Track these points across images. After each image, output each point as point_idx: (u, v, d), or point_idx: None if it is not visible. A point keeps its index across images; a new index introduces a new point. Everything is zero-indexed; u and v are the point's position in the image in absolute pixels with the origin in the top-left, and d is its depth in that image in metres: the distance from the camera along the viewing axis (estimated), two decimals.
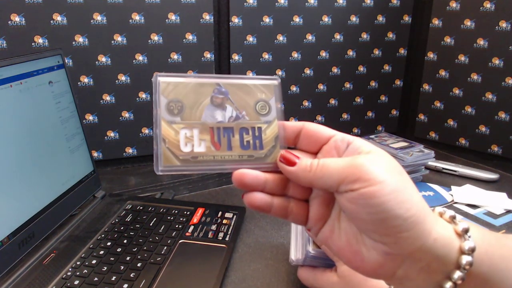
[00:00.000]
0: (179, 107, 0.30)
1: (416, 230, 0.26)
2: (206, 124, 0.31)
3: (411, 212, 0.26)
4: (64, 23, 0.85)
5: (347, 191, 0.27)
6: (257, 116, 0.32)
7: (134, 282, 0.54)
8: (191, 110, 0.31)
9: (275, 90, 0.33)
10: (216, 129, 0.31)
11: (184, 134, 0.30)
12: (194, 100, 0.31)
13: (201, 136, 0.30)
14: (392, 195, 0.26)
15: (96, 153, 0.95)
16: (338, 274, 0.48)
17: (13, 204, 0.57)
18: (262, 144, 0.32)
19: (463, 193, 0.83)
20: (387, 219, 0.26)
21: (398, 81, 1.18)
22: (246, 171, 0.30)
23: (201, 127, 0.31)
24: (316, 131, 0.31)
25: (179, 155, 0.30)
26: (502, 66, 0.98)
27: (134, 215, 0.70)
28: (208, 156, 0.30)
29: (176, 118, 0.30)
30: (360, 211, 0.27)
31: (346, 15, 1.06)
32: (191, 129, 0.30)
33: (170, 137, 0.30)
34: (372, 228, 0.27)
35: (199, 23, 0.95)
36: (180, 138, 0.30)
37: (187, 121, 0.30)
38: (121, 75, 0.92)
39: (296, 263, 0.54)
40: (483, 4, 0.97)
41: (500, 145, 1.02)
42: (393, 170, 0.28)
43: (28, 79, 0.62)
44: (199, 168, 0.30)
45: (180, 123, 0.30)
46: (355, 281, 0.46)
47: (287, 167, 0.30)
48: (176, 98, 0.30)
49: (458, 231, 0.28)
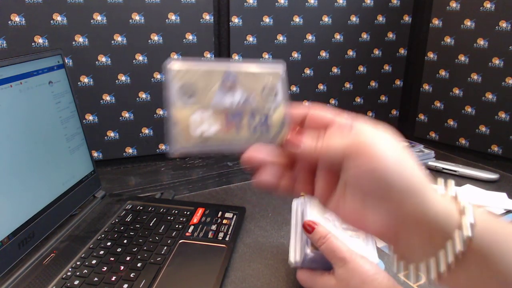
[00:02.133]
0: (191, 91, 0.32)
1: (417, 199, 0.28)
2: (216, 107, 0.32)
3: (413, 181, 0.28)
4: (64, 23, 0.85)
5: (350, 166, 0.29)
6: (264, 101, 0.33)
7: (134, 282, 0.54)
8: (202, 94, 0.32)
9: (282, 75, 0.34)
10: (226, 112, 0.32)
11: (195, 117, 0.32)
12: (205, 84, 0.32)
13: (212, 119, 0.32)
14: (394, 166, 0.28)
15: (96, 153, 0.95)
16: (335, 277, 0.48)
17: (13, 204, 0.57)
18: (269, 128, 0.33)
19: (463, 193, 0.83)
20: (389, 190, 0.28)
21: (398, 81, 1.18)
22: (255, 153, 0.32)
23: (211, 111, 0.32)
24: (320, 116, 0.33)
25: (190, 137, 0.31)
26: (502, 66, 0.98)
27: (134, 215, 0.70)
28: (218, 138, 0.32)
29: (188, 102, 0.32)
30: (364, 183, 0.29)
31: (346, 15, 1.06)
32: (202, 113, 0.32)
33: (182, 120, 0.31)
34: (376, 199, 0.29)
35: (199, 23, 0.95)
36: (191, 121, 0.31)
37: (199, 105, 0.32)
38: (121, 75, 0.92)
39: (295, 265, 0.54)
40: (483, 4, 0.97)
41: (500, 145, 1.02)
42: (394, 146, 0.29)
43: (28, 79, 0.62)
44: (209, 149, 0.32)
45: (192, 106, 0.32)
46: (353, 284, 0.46)
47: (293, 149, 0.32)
48: (188, 82, 0.32)
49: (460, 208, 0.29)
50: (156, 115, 0.98)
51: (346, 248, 0.48)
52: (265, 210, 0.76)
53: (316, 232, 0.50)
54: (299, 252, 0.54)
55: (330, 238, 0.49)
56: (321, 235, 0.50)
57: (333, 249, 0.48)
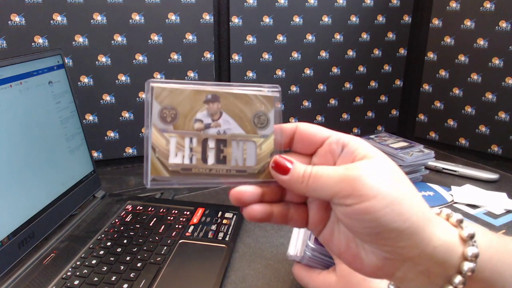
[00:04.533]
0: (173, 115, 0.29)
1: (413, 240, 0.26)
2: (199, 134, 0.29)
3: (408, 224, 0.26)
4: (64, 23, 0.85)
5: (341, 205, 0.27)
6: (254, 129, 0.30)
7: (134, 282, 0.54)
8: (185, 119, 0.29)
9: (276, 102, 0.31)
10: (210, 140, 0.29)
11: (175, 144, 0.29)
12: (189, 108, 0.29)
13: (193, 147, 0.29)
14: (387, 209, 0.25)
15: (96, 153, 0.95)
16: (337, 273, 0.48)
17: (13, 204, 0.57)
18: (256, 160, 0.30)
19: (463, 193, 0.83)
20: (383, 232, 0.26)
21: (398, 81, 1.18)
22: (243, 189, 0.29)
23: (193, 138, 0.29)
24: (309, 133, 0.30)
25: (168, 166, 0.28)
26: (502, 66, 0.98)
27: (134, 215, 0.70)
28: (199, 169, 0.29)
29: (168, 127, 0.29)
30: (355, 225, 0.27)
31: (346, 15, 1.06)
32: (183, 139, 0.29)
33: (161, 146, 0.28)
34: (368, 240, 0.27)
35: (199, 23, 0.95)
36: (171, 148, 0.28)
37: (180, 131, 0.29)
38: (121, 75, 0.92)
39: (294, 258, 0.53)
40: (483, 4, 0.97)
41: (500, 145, 1.02)
42: (389, 179, 0.27)
43: (28, 79, 0.61)
44: (189, 181, 0.29)
45: (172, 132, 0.29)
46: (354, 281, 0.46)
47: (281, 177, 0.29)
48: (170, 105, 0.29)
49: (463, 236, 0.27)
50: None
51: None
52: None
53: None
54: (300, 245, 0.53)
55: None
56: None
57: None
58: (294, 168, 0.29)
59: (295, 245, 0.54)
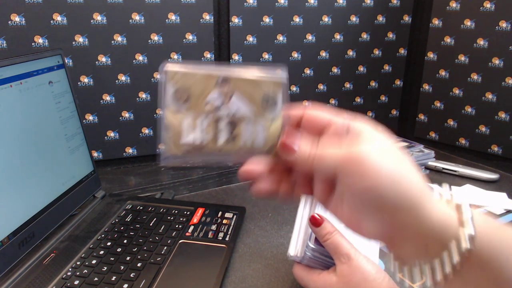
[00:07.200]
0: (186, 96, 0.30)
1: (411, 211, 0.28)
2: (211, 116, 0.31)
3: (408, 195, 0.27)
4: (64, 23, 0.85)
5: (344, 183, 0.29)
6: (262, 111, 0.32)
7: (134, 282, 0.54)
8: (197, 101, 0.30)
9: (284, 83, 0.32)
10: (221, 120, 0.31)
11: (188, 123, 0.30)
12: (201, 90, 0.31)
13: (205, 126, 0.31)
14: (388, 183, 0.27)
15: (96, 153, 0.95)
16: (337, 273, 0.48)
17: (13, 204, 0.57)
18: (265, 140, 0.32)
19: (463, 193, 0.83)
20: (383, 207, 0.28)
21: (398, 81, 1.18)
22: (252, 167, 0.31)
23: (205, 119, 0.31)
24: (316, 116, 0.32)
25: (181, 145, 0.30)
26: (502, 66, 0.98)
27: (134, 215, 0.70)
28: (210, 148, 0.31)
29: (182, 107, 0.30)
30: (358, 199, 0.28)
31: (346, 15, 1.06)
32: (195, 120, 0.31)
33: (174, 126, 0.30)
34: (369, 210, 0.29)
35: (199, 23, 0.95)
36: (184, 128, 0.30)
37: (193, 111, 0.31)
38: (121, 75, 0.92)
39: (294, 259, 0.53)
40: (483, 4, 0.97)
41: (500, 145, 1.02)
42: (391, 158, 0.28)
43: (28, 79, 0.61)
44: (200, 158, 0.31)
45: (185, 112, 0.30)
46: (354, 281, 0.46)
47: (287, 157, 0.31)
48: (184, 86, 0.30)
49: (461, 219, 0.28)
50: (156, 115, 0.98)
51: (350, 246, 0.48)
52: (265, 210, 0.76)
53: (323, 227, 0.50)
54: (301, 245, 0.53)
55: (336, 234, 0.49)
56: (328, 231, 0.50)
57: (338, 245, 0.48)
58: (300, 149, 0.30)
59: (295, 245, 0.54)
